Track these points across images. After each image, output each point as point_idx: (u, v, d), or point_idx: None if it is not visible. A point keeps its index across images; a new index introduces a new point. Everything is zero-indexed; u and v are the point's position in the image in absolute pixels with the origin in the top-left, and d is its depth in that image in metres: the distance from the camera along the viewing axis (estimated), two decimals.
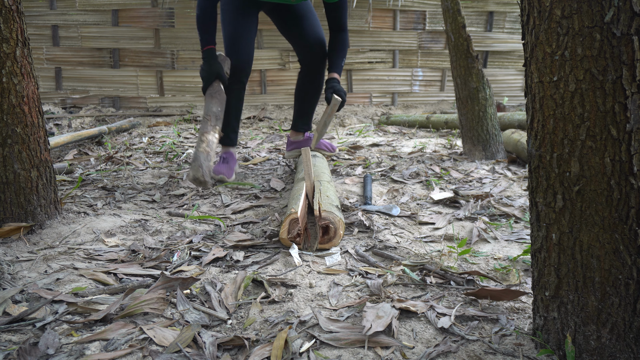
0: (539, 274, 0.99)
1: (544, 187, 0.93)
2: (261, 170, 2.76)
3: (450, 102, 5.68)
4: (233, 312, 1.19)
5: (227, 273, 1.41)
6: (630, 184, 0.83)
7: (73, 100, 5.11)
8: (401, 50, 5.53)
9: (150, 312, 1.17)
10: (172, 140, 3.72)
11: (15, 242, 1.62)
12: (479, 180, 2.44)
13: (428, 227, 1.80)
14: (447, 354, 1.00)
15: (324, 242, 1.57)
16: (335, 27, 2.52)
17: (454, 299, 1.24)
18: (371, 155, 3.13)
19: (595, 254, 0.88)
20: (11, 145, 1.66)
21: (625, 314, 0.87)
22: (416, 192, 2.25)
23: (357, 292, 1.28)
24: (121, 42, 5.08)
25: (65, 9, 4.98)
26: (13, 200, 1.68)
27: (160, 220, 1.90)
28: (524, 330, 1.08)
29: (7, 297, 1.21)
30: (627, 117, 0.82)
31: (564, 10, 0.84)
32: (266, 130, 4.35)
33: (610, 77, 0.82)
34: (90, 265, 1.47)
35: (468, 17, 5.49)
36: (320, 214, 1.57)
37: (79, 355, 1.00)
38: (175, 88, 5.24)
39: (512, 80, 5.81)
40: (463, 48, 2.81)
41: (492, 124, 2.86)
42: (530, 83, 0.94)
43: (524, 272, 1.40)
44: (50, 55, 5.02)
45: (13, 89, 1.64)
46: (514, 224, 1.82)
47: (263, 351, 1.00)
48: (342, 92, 2.44)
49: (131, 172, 2.70)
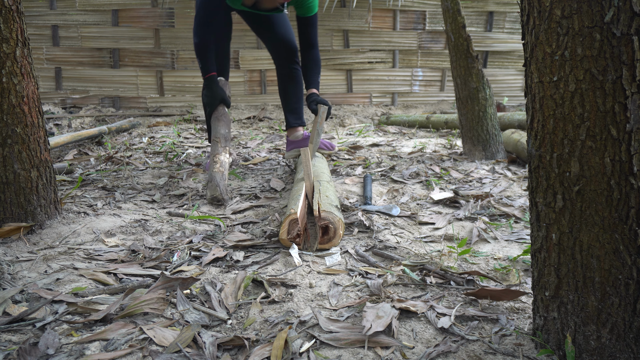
0: (539, 274, 0.99)
1: (544, 187, 0.93)
2: (261, 170, 2.76)
3: (450, 102, 5.68)
4: (233, 312, 1.19)
5: (227, 273, 1.41)
6: (630, 184, 0.83)
7: (73, 100, 5.11)
8: (401, 50, 5.53)
9: (150, 312, 1.17)
10: (172, 140, 3.72)
11: (15, 242, 1.62)
12: (479, 180, 2.44)
13: (428, 227, 1.80)
14: (447, 354, 1.00)
15: (324, 242, 1.57)
16: (307, 43, 2.62)
17: (454, 299, 1.24)
18: (371, 155, 3.13)
19: (595, 254, 0.88)
20: (11, 145, 1.66)
21: (625, 314, 0.87)
22: (416, 192, 2.25)
23: (357, 292, 1.28)
24: (121, 42, 5.08)
25: (65, 9, 4.98)
26: (13, 200, 1.68)
27: (160, 220, 1.90)
28: (524, 330, 1.08)
29: (7, 297, 1.21)
30: (627, 117, 0.82)
31: (564, 10, 0.84)
32: (266, 130, 4.35)
33: (610, 77, 0.82)
34: (90, 265, 1.47)
35: (468, 17, 5.49)
36: (319, 214, 1.57)
37: (79, 355, 1.00)
38: (175, 88, 5.24)
39: (512, 80, 5.81)
40: (463, 48, 2.81)
41: (492, 124, 2.86)
42: (530, 83, 0.94)
43: (524, 272, 1.40)
44: (50, 55, 5.02)
45: (13, 89, 1.64)
46: (514, 224, 1.82)
47: (263, 351, 1.00)
48: (324, 101, 2.54)
49: (131, 172, 2.70)
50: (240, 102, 5.35)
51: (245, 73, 5.31)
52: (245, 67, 5.29)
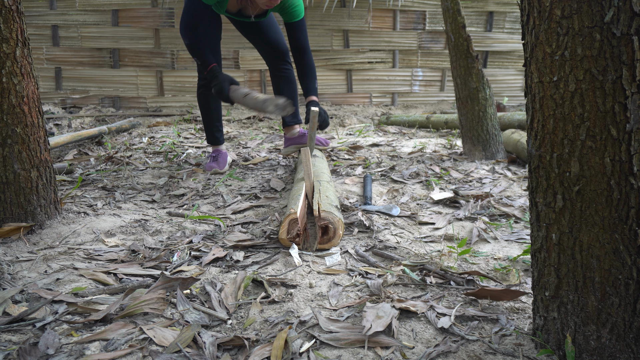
0: (539, 274, 0.99)
1: (544, 187, 0.93)
2: (261, 170, 2.76)
3: (450, 102, 5.68)
4: (233, 312, 1.19)
5: (227, 273, 1.41)
6: (630, 184, 0.83)
7: (73, 100, 5.11)
8: (401, 50, 5.53)
9: (150, 312, 1.17)
10: (172, 140, 3.72)
11: (15, 242, 1.62)
12: (479, 180, 2.44)
13: (428, 227, 1.80)
14: (447, 354, 1.00)
15: (324, 242, 1.57)
16: (297, 49, 2.58)
17: (454, 299, 1.24)
18: (371, 155, 3.13)
19: (595, 254, 0.88)
20: (11, 145, 1.66)
21: (625, 314, 0.87)
22: (416, 192, 2.25)
23: (357, 292, 1.28)
24: (121, 42, 5.08)
25: (65, 9, 4.98)
26: (13, 200, 1.68)
27: (160, 220, 1.90)
28: (524, 330, 1.08)
29: (7, 297, 1.21)
30: (627, 117, 0.82)
31: (564, 10, 0.84)
32: (266, 131, 4.35)
33: (610, 77, 0.82)
34: (90, 265, 1.47)
35: (468, 17, 5.49)
36: (319, 214, 1.57)
37: (79, 355, 1.00)
38: (175, 88, 5.24)
39: (512, 80, 5.81)
40: (463, 48, 2.81)
41: (492, 124, 2.86)
42: (530, 83, 0.94)
43: (524, 272, 1.40)
44: (50, 55, 5.02)
45: (13, 89, 1.64)
46: (514, 224, 1.82)
47: (263, 351, 1.00)
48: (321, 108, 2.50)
49: (131, 172, 2.70)
50: None
51: (245, 73, 5.31)
52: (245, 67, 5.29)
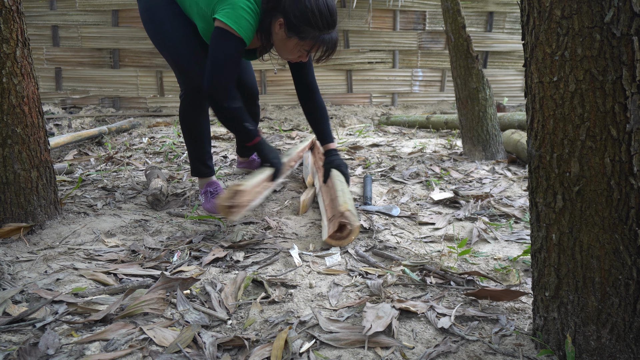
0: (539, 274, 0.99)
1: (544, 187, 0.93)
2: None
3: (450, 102, 5.68)
4: (233, 313, 1.19)
5: (227, 273, 1.41)
6: (630, 184, 0.83)
7: (73, 100, 5.11)
8: (401, 51, 5.53)
9: (150, 312, 1.17)
10: (172, 141, 3.72)
11: (15, 242, 1.62)
12: (479, 180, 2.44)
13: (428, 228, 1.80)
14: (447, 354, 1.00)
15: (335, 238, 1.61)
16: (305, 88, 2.17)
17: (454, 299, 1.24)
18: (371, 156, 3.13)
19: (595, 254, 0.88)
20: (11, 146, 1.66)
21: (625, 314, 0.87)
22: (416, 193, 2.25)
23: (357, 293, 1.28)
24: (121, 42, 5.08)
25: (65, 9, 4.98)
26: (13, 200, 1.68)
27: (160, 220, 1.90)
28: (524, 331, 1.08)
29: (7, 297, 1.21)
30: (627, 118, 0.82)
31: (564, 11, 0.84)
32: (266, 131, 4.35)
33: (610, 78, 0.82)
34: (90, 266, 1.47)
35: (468, 18, 5.49)
36: (343, 212, 1.60)
37: (79, 355, 1.00)
38: (175, 88, 5.24)
39: (512, 80, 5.81)
40: (463, 48, 2.81)
41: (492, 124, 2.86)
42: (530, 83, 0.94)
43: (524, 272, 1.40)
44: (50, 55, 5.02)
45: (13, 89, 1.64)
46: (514, 224, 1.82)
47: (263, 351, 1.00)
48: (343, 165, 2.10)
49: (131, 172, 2.70)
50: None
51: None
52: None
